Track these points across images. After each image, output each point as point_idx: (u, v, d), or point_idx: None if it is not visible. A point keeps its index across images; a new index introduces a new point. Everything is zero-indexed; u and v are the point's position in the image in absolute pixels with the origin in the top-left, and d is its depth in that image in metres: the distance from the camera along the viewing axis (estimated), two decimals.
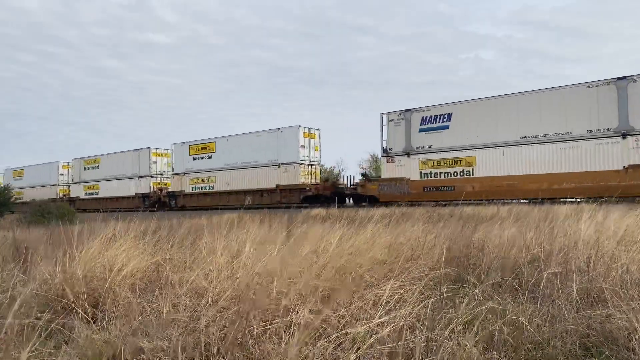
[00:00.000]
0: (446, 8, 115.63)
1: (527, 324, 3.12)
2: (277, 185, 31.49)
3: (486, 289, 3.99)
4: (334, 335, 2.83)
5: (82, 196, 45.62)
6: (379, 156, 32.18)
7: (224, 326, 2.97)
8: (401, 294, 3.38)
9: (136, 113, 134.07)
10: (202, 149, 36.75)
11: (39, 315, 3.42)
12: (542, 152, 22.11)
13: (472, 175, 24.15)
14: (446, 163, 25.18)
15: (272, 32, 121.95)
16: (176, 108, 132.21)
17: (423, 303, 3.32)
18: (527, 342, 3.05)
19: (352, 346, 2.76)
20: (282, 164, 31.64)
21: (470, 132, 24.24)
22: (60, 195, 48.11)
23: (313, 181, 31.65)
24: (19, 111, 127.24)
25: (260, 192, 32.47)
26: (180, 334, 2.92)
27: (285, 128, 31.92)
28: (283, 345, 2.73)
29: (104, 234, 5.04)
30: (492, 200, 21.34)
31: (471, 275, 4.39)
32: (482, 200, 21.53)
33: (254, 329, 2.91)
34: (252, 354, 2.75)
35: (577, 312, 3.41)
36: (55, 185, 49.05)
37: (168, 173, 41.04)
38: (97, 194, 44.55)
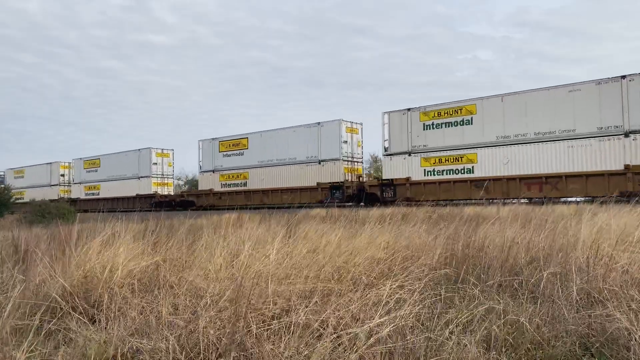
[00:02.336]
0: (443, 9, 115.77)
1: (527, 324, 3.12)
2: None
3: (486, 289, 3.98)
4: (333, 336, 2.82)
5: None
6: (380, 155, 31.92)
7: (223, 327, 2.96)
8: (401, 294, 3.37)
9: (136, 113, 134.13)
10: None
11: (38, 315, 3.41)
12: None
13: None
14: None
15: (270, 33, 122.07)
16: (176, 108, 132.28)
17: (423, 303, 3.31)
18: (527, 342, 3.04)
19: (352, 346, 2.75)
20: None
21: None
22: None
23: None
24: (20, 112, 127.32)
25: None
26: (179, 335, 2.92)
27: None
28: (282, 345, 2.73)
29: (103, 234, 5.03)
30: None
31: (471, 275, 4.39)
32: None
33: (252, 329, 2.91)
34: (251, 354, 2.75)
35: (577, 312, 3.40)
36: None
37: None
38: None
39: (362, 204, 24.49)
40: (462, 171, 24.34)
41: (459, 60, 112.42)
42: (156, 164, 39.28)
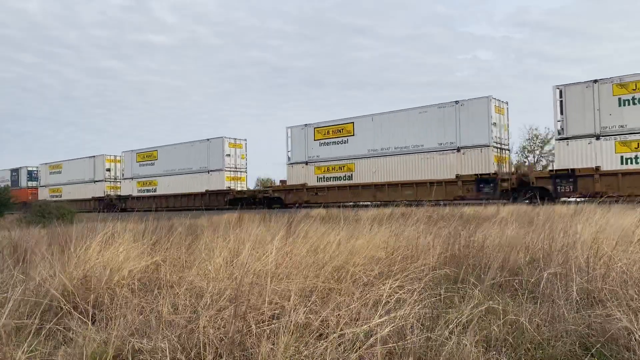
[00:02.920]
0: (443, 9, 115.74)
1: (527, 324, 3.12)
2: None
3: (486, 289, 3.98)
4: (333, 336, 2.82)
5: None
6: None
7: (223, 326, 2.96)
8: (401, 294, 3.37)
9: (136, 113, 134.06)
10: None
11: (37, 315, 3.41)
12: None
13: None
14: None
15: (270, 33, 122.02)
16: (176, 108, 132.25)
17: (423, 303, 3.31)
18: (527, 342, 3.04)
19: (352, 346, 2.75)
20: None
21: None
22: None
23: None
24: (20, 112, 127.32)
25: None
26: (179, 335, 2.92)
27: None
28: (282, 345, 2.73)
29: (103, 234, 5.03)
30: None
31: (471, 275, 4.39)
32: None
33: (252, 329, 2.91)
34: (251, 354, 2.75)
35: (577, 312, 3.40)
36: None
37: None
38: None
39: (526, 200, 20.38)
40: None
41: (459, 60, 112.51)
42: (229, 155, 33.97)
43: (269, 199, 31.18)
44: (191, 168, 35.63)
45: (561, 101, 21.43)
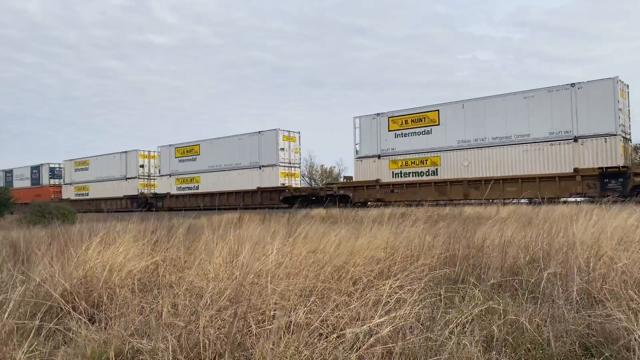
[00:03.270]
0: (443, 9, 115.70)
1: (527, 324, 3.11)
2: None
3: (486, 289, 3.98)
4: (333, 336, 2.82)
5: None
6: None
7: (223, 326, 2.96)
8: (401, 294, 3.37)
9: (136, 113, 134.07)
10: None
11: (37, 315, 3.41)
12: None
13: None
14: None
15: (270, 33, 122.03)
16: (176, 108, 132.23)
17: (423, 303, 3.31)
18: (527, 342, 3.04)
19: (352, 346, 2.75)
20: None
21: None
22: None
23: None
24: (20, 112, 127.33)
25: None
26: (179, 335, 2.91)
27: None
28: (282, 345, 2.73)
29: (103, 234, 5.03)
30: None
31: (471, 275, 4.39)
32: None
33: (252, 329, 2.91)
34: (251, 354, 2.75)
35: (577, 313, 3.40)
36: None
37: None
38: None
39: None
40: None
41: (459, 60, 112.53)
42: (283, 149, 30.82)
43: (333, 197, 27.67)
44: (240, 163, 32.31)
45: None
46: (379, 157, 26.55)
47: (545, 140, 21.22)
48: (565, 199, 19.80)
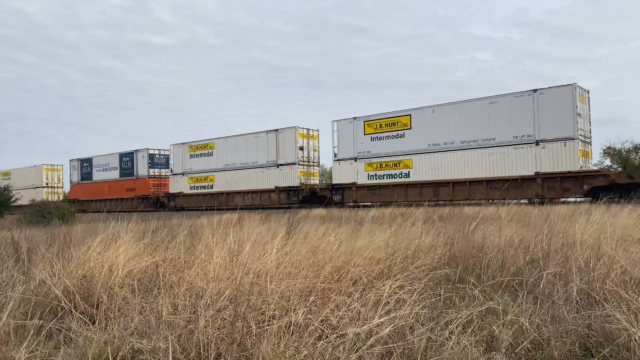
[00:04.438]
0: (442, 10, 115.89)
1: (527, 324, 3.12)
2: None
3: (486, 289, 3.98)
4: (333, 336, 2.83)
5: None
6: None
7: (223, 326, 2.96)
8: (401, 294, 3.37)
9: (136, 113, 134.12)
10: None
11: (37, 316, 3.41)
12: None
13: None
14: None
15: (270, 34, 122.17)
16: (176, 108, 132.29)
17: (423, 303, 3.32)
18: (527, 342, 3.04)
19: (352, 346, 2.75)
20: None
21: None
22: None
23: None
24: (20, 112, 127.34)
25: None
26: (179, 335, 2.92)
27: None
28: (282, 345, 2.73)
29: (103, 234, 5.03)
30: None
31: (471, 275, 4.39)
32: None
33: (252, 329, 2.91)
34: (251, 354, 2.75)
35: (577, 313, 3.40)
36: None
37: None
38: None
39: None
40: None
41: (458, 60, 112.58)
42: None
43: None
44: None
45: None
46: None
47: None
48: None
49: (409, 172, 26.01)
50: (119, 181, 40.08)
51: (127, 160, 40.11)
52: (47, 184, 47.77)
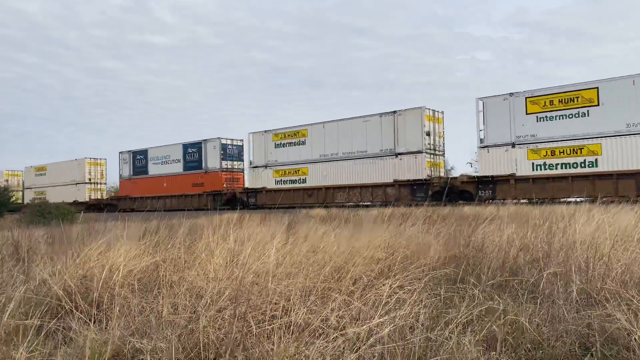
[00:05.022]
0: (442, 10, 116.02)
1: (527, 324, 3.12)
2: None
3: (486, 289, 3.98)
4: (333, 335, 2.83)
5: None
6: None
7: (223, 327, 2.96)
8: (401, 294, 3.37)
9: (136, 113, 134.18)
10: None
11: (38, 315, 3.41)
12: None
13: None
14: None
15: (270, 34, 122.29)
16: (176, 108, 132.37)
17: (423, 303, 3.32)
18: (527, 342, 3.04)
19: (352, 346, 2.76)
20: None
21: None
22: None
23: None
24: (20, 112, 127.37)
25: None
26: (179, 335, 2.92)
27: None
28: (282, 345, 2.73)
29: (103, 234, 5.04)
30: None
31: (471, 275, 4.39)
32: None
33: (252, 329, 2.91)
34: (251, 354, 2.75)
35: (577, 313, 3.40)
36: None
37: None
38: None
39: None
40: None
41: (458, 60, 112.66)
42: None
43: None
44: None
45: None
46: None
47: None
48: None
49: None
50: (182, 175, 34.93)
51: (193, 151, 34.72)
52: (89, 179, 42.28)
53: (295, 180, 29.78)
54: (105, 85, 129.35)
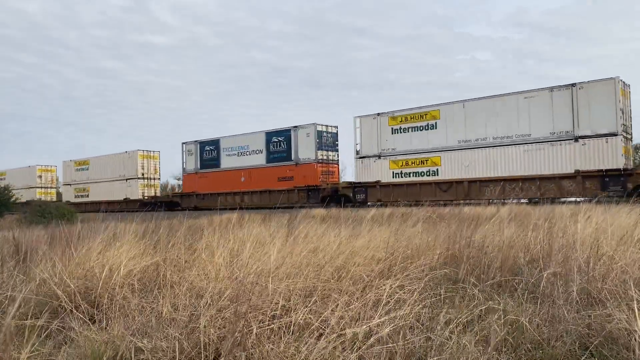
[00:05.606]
0: (442, 10, 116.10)
1: (527, 324, 3.12)
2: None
3: (486, 289, 3.98)
4: (333, 335, 2.83)
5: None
6: None
7: (223, 326, 2.96)
8: (401, 294, 3.37)
9: (136, 113, 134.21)
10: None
11: (38, 315, 3.41)
12: None
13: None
14: None
15: (270, 34, 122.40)
16: (176, 108, 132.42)
17: (423, 303, 3.32)
18: (527, 342, 3.04)
19: (352, 346, 2.76)
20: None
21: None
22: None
23: None
24: (20, 112, 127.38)
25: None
26: (179, 334, 2.92)
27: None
28: (282, 345, 2.73)
29: (104, 234, 5.04)
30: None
31: (471, 275, 4.39)
32: None
33: (252, 329, 2.91)
34: (252, 354, 2.75)
35: (577, 313, 3.40)
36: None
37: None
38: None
39: None
40: None
41: (458, 60, 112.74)
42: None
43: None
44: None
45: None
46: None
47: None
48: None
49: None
50: (264, 168, 30.45)
51: (279, 140, 30.14)
52: (142, 174, 37.69)
53: (422, 172, 24.33)
54: (105, 85, 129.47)
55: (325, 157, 29.16)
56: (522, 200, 19.94)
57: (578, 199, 18.53)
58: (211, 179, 33.46)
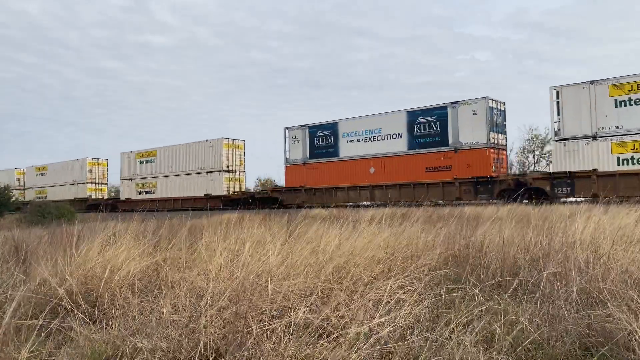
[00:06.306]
0: (441, 10, 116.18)
1: (527, 324, 3.12)
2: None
3: (486, 289, 3.98)
4: (333, 335, 2.83)
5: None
6: None
7: (223, 326, 2.96)
8: (401, 294, 3.37)
9: (136, 113, 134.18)
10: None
11: (38, 315, 3.41)
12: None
13: None
14: None
15: (270, 34, 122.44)
16: (176, 108, 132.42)
17: (423, 303, 3.32)
18: (527, 342, 3.04)
19: (353, 346, 2.76)
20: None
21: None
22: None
23: None
24: (20, 112, 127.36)
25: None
26: (180, 334, 2.92)
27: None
28: (282, 345, 2.73)
29: (104, 234, 5.04)
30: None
31: (471, 275, 4.39)
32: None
33: (253, 329, 2.91)
34: (252, 354, 2.75)
35: (577, 313, 3.40)
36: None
37: None
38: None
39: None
40: None
41: (458, 60, 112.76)
42: None
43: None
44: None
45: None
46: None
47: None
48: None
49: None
50: (406, 156, 24.18)
51: (428, 121, 23.70)
52: (227, 166, 32.58)
53: None
54: (105, 85, 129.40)
55: (495, 141, 22.46)
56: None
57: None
58: (325, 170, 27.27)
